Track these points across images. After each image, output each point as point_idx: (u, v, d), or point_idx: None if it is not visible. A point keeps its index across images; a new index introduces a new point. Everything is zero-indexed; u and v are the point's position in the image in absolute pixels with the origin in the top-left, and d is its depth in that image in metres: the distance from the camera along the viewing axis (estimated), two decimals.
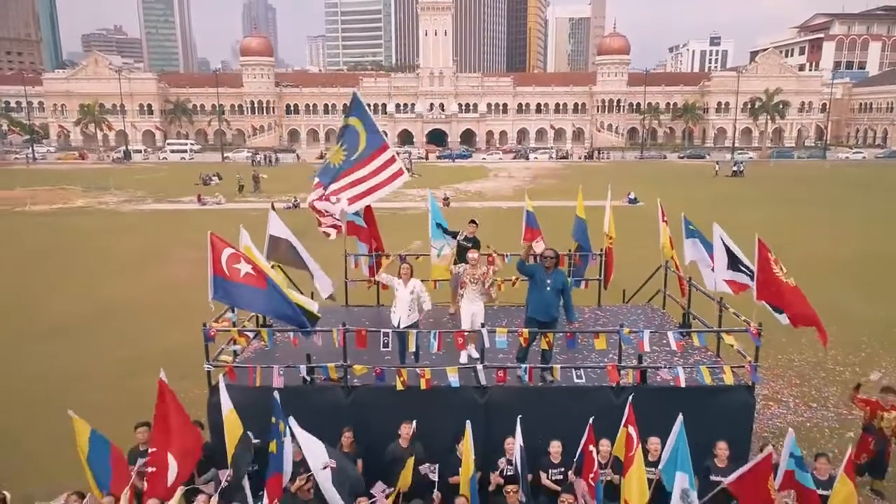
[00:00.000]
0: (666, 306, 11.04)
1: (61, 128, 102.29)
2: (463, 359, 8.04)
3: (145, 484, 6.88)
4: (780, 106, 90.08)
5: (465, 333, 7.99)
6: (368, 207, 11.47)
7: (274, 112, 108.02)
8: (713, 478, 6.79)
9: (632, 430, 6.61)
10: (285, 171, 62.45)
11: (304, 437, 6.57)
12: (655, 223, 13.90)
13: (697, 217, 11.55)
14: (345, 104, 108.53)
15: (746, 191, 44.49)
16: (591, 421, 6.71)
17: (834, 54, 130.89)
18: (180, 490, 6.40)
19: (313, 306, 7.88)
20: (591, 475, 6.57)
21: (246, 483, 6.85)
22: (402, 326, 8.25)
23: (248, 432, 7.06)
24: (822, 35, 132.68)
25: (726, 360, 8.44)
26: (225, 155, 78.94)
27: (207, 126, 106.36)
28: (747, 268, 8.29)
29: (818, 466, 6.91)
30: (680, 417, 6.54)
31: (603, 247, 11.29)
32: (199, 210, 35.18)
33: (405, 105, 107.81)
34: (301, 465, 6.79)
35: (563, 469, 7.14)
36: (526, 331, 7.90)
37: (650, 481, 7.00)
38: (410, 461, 6.87)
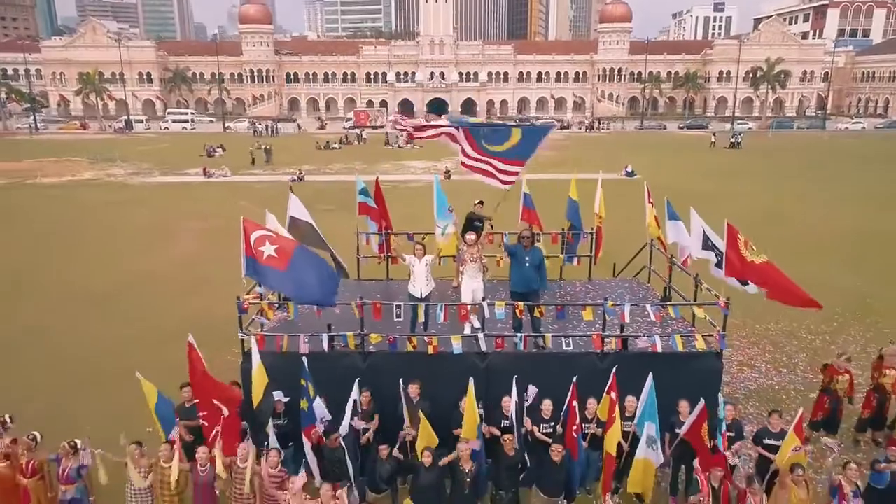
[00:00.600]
0: (651, 280, 12.03)
1: (61, 97, 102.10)
2: (466, 330, 9.06)
3: (191, 436, 8.01)
4: (781, 76, 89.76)
5: (468, 307, 9.00)
6: (378, 190, 12.36)
7: (274, 81, 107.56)
8: (677, 430, 7.88)
9: (613, 395, 7.69)
10: (287, 141, 62.84)
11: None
12: (658, 196, 15.00)
13: (692, 189, 12.58)
14: (345, 73, 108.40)
15: (742, 163, 45.18)
16: (574, 380, 7.76)
17: (838, 21, 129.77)
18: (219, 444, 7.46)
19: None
20: (574, 427, 7.66)
21: (270, 429, 7.98)
22: (423, 295, 9.28)
23: (279, 391, 8.17)
24: (826, 1, 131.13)
25: (700, 330, 9.46)
26: (226, 125, 79.00)
27: (207, 95, 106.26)
28: (717, 248, 9.21)
29: (771, 421, 7.99)
30: (650, 376, 7.60)
31: (593, 226, 12.18)
32: (206, 183, 35.98)
33: (405, 74, 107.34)
34: (331, 423, 7.89)
35: (553, 424, 8.22)
36: (521, 304, 8.93)
37: (626, 434, 8.12)
38: (425, 421, 7.90)
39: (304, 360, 8.00)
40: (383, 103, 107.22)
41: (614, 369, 7.95)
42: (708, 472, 6.95)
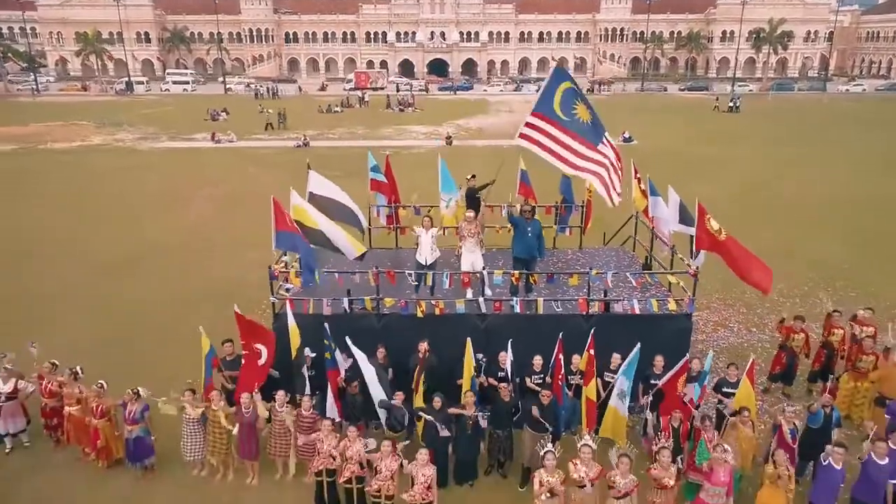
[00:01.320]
0: (635, 249, 13.24)
1: (60, 57, 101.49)
2: (468, 294, 10.31)
3: (232, 384, 9.36)
4: (784, 38, 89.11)
5: (469, 275, 10.25)
6: (388, 167, 13.44)
7: (273, 41, 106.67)
8: (652, 381, 9.21)
9: (592, 351, 8.99)
10: (289, 104, 62.96)
11: (358, 354, 8.99)
12: (647, 162, 15.95)
13: (687, 154, 13.60)
14: (345, 32, 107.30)
15: (739, 127, 45.85)
16: (560, 336, 9.04)
17: None
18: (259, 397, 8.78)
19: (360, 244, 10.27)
20: (560, 377, 8.99)
21: (305, 372, 9.34)
22: (428, 263, 10.56)
23: (307, 347, 9.49)
24: None
25: (674, 295, 10.72)
26: (227, 86, 78.94)
27: (206, 55, 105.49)
28: (692, 221, 10.38)
29: (729, 372, 9.32)
30: (638, 346, 8.86)
31: (584, 199, 13.30)
32: (214, 148, 36.84)
33: (405, 34, 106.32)
34: (351, 370, 9.22)
35: (542, 375, 9.55)
36: (517, 272, 10.18)
37: (608, 384, 9.47)
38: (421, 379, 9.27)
39: (325, 323, 9.27)
40: (383, 64, 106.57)
41: (592, 330, 9.22)
42: (669, 415, 8.30)
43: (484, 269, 10.25)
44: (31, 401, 9.55)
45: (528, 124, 10.53)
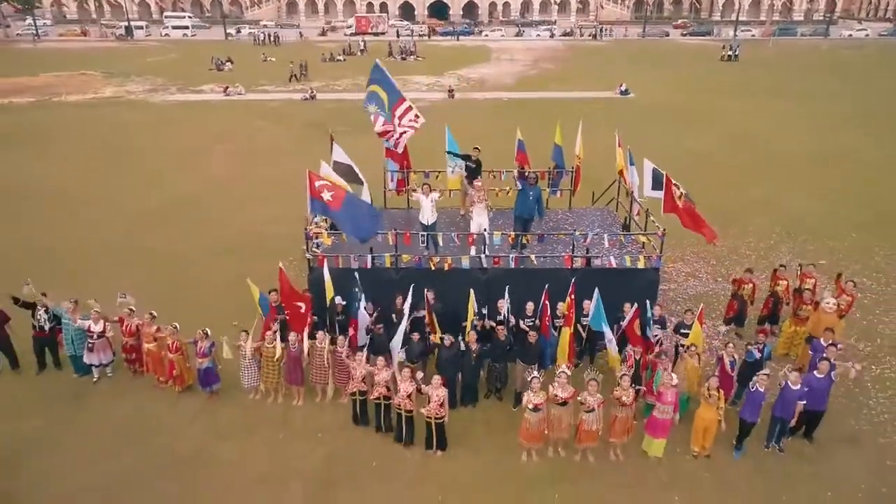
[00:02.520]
0: (618, 209, 15.07)
1: (67, 6, 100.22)
2: (472, 251, 12.24)
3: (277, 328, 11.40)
4: None
5: (474, 235, 12.16)
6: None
7: None
8: (622, 324, 11.23)
9: (572, 297, 10.96)
10: (291, 52, 63.31)
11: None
12: (642, 116, 17.37)
13: (679, 107, 15.58)
14: None
15: (736, 78, 46.66)
16: (546, 287, 11.00)
17: None
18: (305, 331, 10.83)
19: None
20: (547, 318, 11.03)
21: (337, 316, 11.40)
22: (429, 223, 12.46)
23: (338, 295, 11.48)
24: None
25: (646, 252, 12.63)
26: (228, 32, 78.53)
27: None
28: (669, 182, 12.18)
29: (686, 316, 11.34)
30: (596, 291, 10.82)
31: (574, 165, 15.03)
32: (225, 101, 38.00)
33: None
34: (377, 315, 11.27)
35: (533, 319, 11.56)
36: (513, 233, 12.08)
37: (584, 326, 11.51)
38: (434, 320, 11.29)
39: (356, 274, 11.25)
40: (383, 6, 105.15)
41: (574, 279, 11.18)
42: (632, 350, 10.37)
43: (486, 231, 12.15)
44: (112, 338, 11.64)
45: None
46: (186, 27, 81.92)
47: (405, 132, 13.86)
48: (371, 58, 57.99)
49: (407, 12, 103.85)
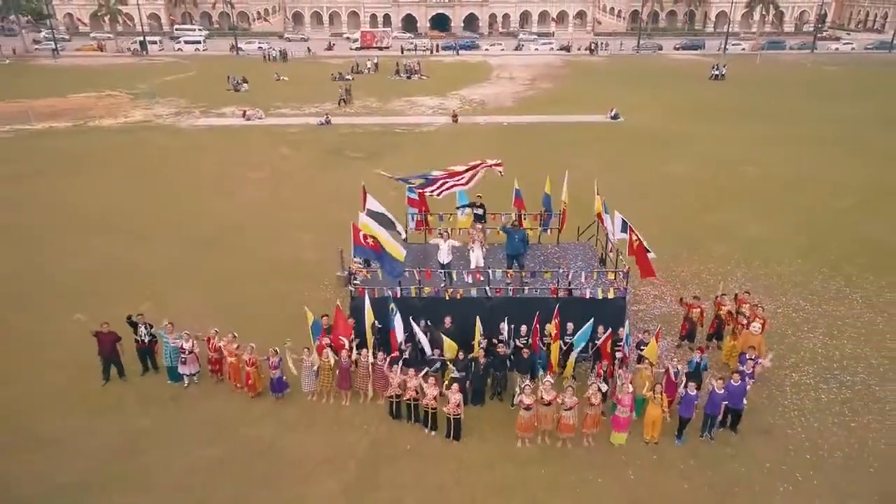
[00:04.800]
0: (597, 244, 18.35)
1: (77, 18, 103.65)
2: (478, 285, 15.57)
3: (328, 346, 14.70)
4: None
5: (480, 272, 15.51)
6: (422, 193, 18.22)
7: None
8: (596, 342, 14.54)
9: (557, 321, 14.28)
10: (300, 69, 66.61)
11: (415, 327, 14.27)
12: (629, 142, 20.77)
13: (664, 132, 18.85)
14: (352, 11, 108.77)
15: (719, 100, 49.91)
16: (537, 313, 14.31)
17: None
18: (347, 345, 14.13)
19: (402, 253, 15.30)
20: (536, 338, 14.35)
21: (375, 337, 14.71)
22: (445, 262, 15.76)
23: (375, 320, 14.79)
24: None
25: (616, 284, 15.90)
26: (238, 47, 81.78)
27: (212, 9, 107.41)
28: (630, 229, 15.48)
29: (645, 336, 14.64)
30: (591, 320, 14.13)
31: (560, 209, 18.28)
32: (246, 126, 41.23)
33: None
34: (407, 335, 14.59)
35: (526, 339, 14.84)
36: (511, 270, 15.42)
37: (570, 344, 14.81)
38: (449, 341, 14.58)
39: (392, 304, 14.58)
40: (386, 18, 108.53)
41: (557, 306, 14.49)
42: (601, 363, 13.70)
43: (487, 268, 15.49)
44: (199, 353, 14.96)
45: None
46: (199, 41, 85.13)
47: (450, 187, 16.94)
48: (379, 76, 61.59)
49: (409, 24, 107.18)
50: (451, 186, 16.83)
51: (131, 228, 24.04)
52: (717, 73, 59.45)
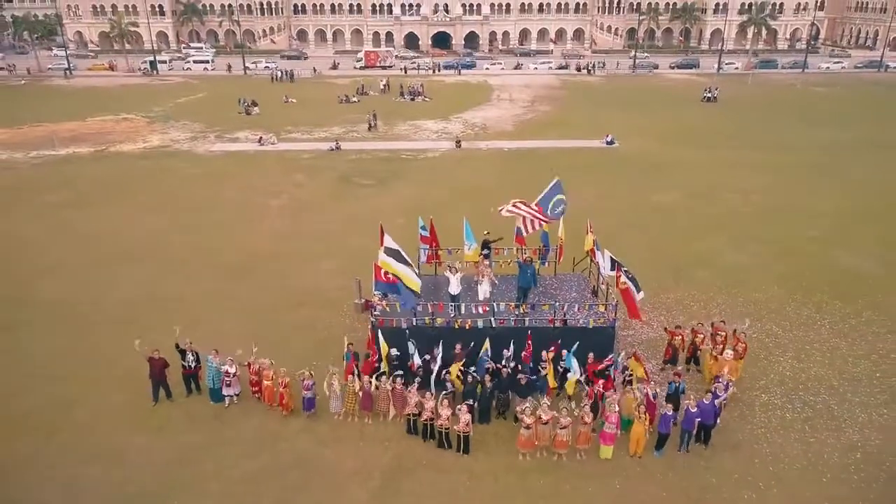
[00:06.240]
0: (590, 276, 20.46)
1: (88, 37, 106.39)
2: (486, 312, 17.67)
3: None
4: (767, 19, 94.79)
5: (486, 305, 17.61)
6: (433, 227, 20.33)
7: (282, 12, 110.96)
8: (586, 367, 16.61)
9: (553, 348, 16.37)
10: (307, 90, 68.91)
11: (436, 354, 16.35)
12: (622, 167, 23.11)
13: (656, 157, 21.74)
14: (351, 4, 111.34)
15: (710, 124, 52.25)
16: (528, 333, 16.37)
17: None
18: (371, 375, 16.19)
19: (417, 283, 17.37)
20: (530, 360, 16.43)
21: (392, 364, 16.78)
22: (455, 294, 17.85)
23: (394, 348, 16.87)
24: None
25: (607, 314, 17.98)
26: (246, 66, 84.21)
27: (219, 27, 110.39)
28: (620, 268, 17.57)
29: (629, 362, 16.71)
30: (576, 345, 16.22)
31: (557, 244, 20.36)
32: (261, 152, 43.35)
33: (410, 6, 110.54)
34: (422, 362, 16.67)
35: (528, 366, 16.89)
36: (513, 303, 17.54)
37: (562, 367, 16.88)
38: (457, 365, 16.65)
39: (406, 331, 16.66)
40: (389, 35, 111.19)
41: (559, 341, 16.58)
42: (592, 386, 15.77)
43: (493, 300, 17.60)
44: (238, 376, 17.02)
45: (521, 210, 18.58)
46: (207, 60, 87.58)
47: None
48: (383, 101, 63.77)
49: (411, 42, 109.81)
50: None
51: (164, 257, 26.12)
52: (709, 95, 61.77)
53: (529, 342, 16.56)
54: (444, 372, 16.45)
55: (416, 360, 16.63)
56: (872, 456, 15.25)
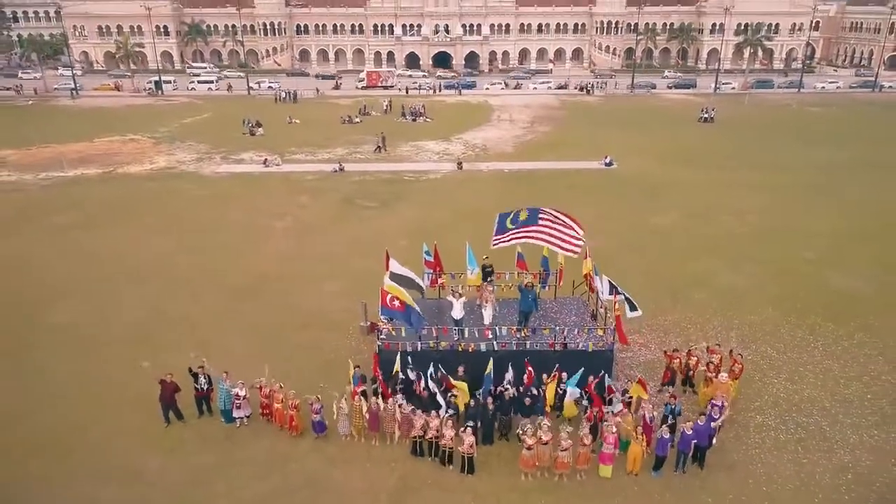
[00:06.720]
0: (589, 300, 21.04)
1: (94, 57, 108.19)
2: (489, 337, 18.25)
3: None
4: (762, 40, 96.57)
5: (488, 329, 18.19)
6: (437, 253, 20.99)
7: (285, 33, 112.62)
8: (585, 388, 17.15)
9: (556, 372, 16.92)
10: (311, 111, 69.91)
11: (433, 377, 16.93)
12: (621, 188, 24.07)
13: (654, 178, 24.07)
14: (353, 25, 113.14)
15: (707, 145, 53.08)
16: (526, 360, 16.93)
17: None
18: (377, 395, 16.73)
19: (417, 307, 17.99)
20: (531, 383, 16.98)
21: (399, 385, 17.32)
22: (459, 318, 18.44)
23: (398, 371, 17.43)
24: None
25: (605, 338, 18.54)
26: (250, 86, 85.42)
27: (222, 47, 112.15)
28: (617, 293, 18.18)
29: (629, 385, 17.26)
30: (582, 369, 16.78)
31: (557, 268, 20.97)
32: (266, 174, 44.06)
33: (411, 26, 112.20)
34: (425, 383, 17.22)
35: (529, 389, 17.42)
36: (514, 327, 18.13)
37: (563, 390, 17.41)
38: (464, 384, 17.19)
39: (409, 356, 17.23)
40: (390, 55, 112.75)
41: (557, 366, 17.13)
42: (591, 409, 16.31)
43: (495, 326, 18.19)
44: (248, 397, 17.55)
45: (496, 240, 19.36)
46: (211, 81, 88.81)
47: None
48: (385, 121, 64.61)
49: (413, 61, 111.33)
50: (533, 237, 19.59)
51: (172, 278, 26.73)
52: (706, 115, 62.74)
53: (529, 368, 17.11)
54: (449, 395, 16.96)
55: (423, 383, 17.17)
56: (863, 477, 15.74)
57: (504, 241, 19.65)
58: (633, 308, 18.78)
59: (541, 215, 19.51)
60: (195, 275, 27.11)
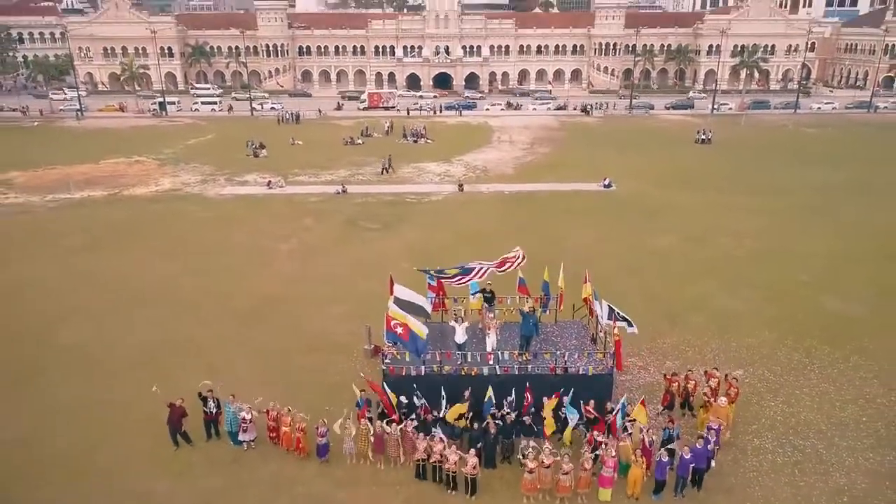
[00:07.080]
0: (589, 323, 21.45)
1: (98, 78, 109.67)
2: (490, 361, 18.66)
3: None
4: (759, 62, 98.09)
5: (491, 354, 18.61)
6: (440, 282, 21.40)
7: (287, 54, 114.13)
8: (585, 415, 17.51)
9: (555, 396, 17.30)
10: (313, 132, 70.75)
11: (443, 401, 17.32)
12: (620, 210, 24.51)
13: (652, 200, 23.74)
14: (354, 46, 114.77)
15: (704, 166, 53.74)
16: (527, 385, 17.31)
17: None
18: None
19: (423, 332, 18.38)
20: (529, 407, 17.34)
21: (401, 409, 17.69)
22: (462, 342, 18.87)
23: (403, 395, 17.80)
24: None
25: (606, 360, 18.95)
26: (253, 107, 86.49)
27: (226, 68, 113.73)
28: (616, 317, 18.62)
29: (629, 408, 17.62)
30: (572, 391, 17.18)
31: (558, 293, 21.42)
32: (270, 196, 44.64)
33: (412, 48, 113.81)
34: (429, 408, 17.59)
35: (531, 411, 17.81)
36: (517, 352, 18.55)
37: (563, 413, 17.78)
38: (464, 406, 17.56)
39: (413, 382, 17.63)
40: (391, 76, 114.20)
41: (561, 390, 17.52)
42: (592, 432, 16.67)
43: (498, 350, 18.61)
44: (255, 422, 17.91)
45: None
46: (214, 102, 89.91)
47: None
48: (387, 143, 65.39)
49: (413, 82, 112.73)
50: (481, 274, 20.07)
51: (179, 301, 27.16)
52: (703, 136, 63.56)
53: (528, 394, 17.50)
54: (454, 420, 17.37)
55: (430, 409, 17.56)
56: (859, 499, 16.07)
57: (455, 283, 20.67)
58: (630, 325, 19.26)
59: (469, 265, 20.55)
60: (200, 297, 27.53)
